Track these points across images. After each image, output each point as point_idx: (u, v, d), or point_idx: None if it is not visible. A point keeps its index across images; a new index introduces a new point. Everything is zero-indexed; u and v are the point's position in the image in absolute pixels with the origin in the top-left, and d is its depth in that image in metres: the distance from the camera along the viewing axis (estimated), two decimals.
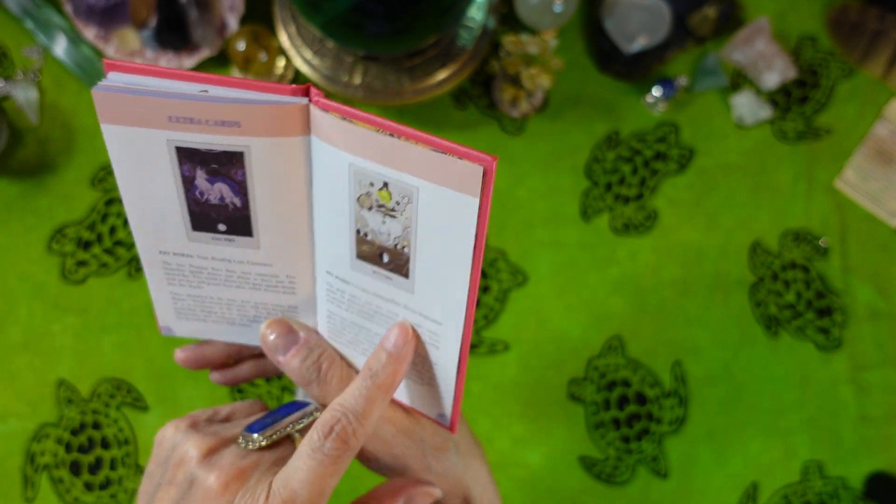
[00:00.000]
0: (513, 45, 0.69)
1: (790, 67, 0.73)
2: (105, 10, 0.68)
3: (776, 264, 0.73)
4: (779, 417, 0.70)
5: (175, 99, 0.31)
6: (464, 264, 0.32)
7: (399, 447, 0.38)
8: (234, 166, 0.33)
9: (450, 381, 0.36)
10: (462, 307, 0.33)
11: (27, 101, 0.69)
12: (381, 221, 0.33)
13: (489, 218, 0.31)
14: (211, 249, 0.37)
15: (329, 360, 0.38)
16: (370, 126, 0.31)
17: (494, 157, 0.29)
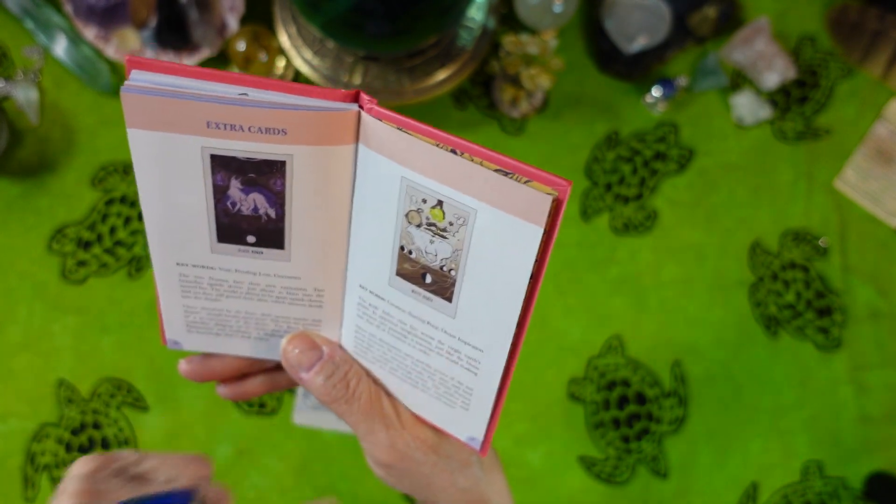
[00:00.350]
0: (513, 45, 0.69)
1: (790, 67, 0.73)
2: (105, 10, 0.68)
3: (776, 264, 0.73)
4: (779, 417, 0.70)
5: (215, 103, 0.29)
6: (517, 294, 0.30)
7: (427, 465, 0.36)
8: (274, 176, 0.31)
9: (486, 406, 0.35)
10: (509, 338, 0.32)
11: (27, 101, 0.69)
12: (429, 241, 0.31)
13: None
14: (235, 262, 0.34)
15: (357, 377, 0.36)
16: (429, 139, 0.29)
17: (569, 182, 0.27)
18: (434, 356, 0.34)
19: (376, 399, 0.36)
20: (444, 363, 0.34)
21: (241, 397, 0.40)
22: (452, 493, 0.38)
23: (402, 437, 0.36)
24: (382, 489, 0.67)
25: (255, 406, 0.68)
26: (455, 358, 0.34)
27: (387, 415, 0.36)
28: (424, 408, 0.37)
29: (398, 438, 0.35)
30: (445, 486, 0.37)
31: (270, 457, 0.67)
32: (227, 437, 0.67)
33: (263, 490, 0.66)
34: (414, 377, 0.36)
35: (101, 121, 0.70)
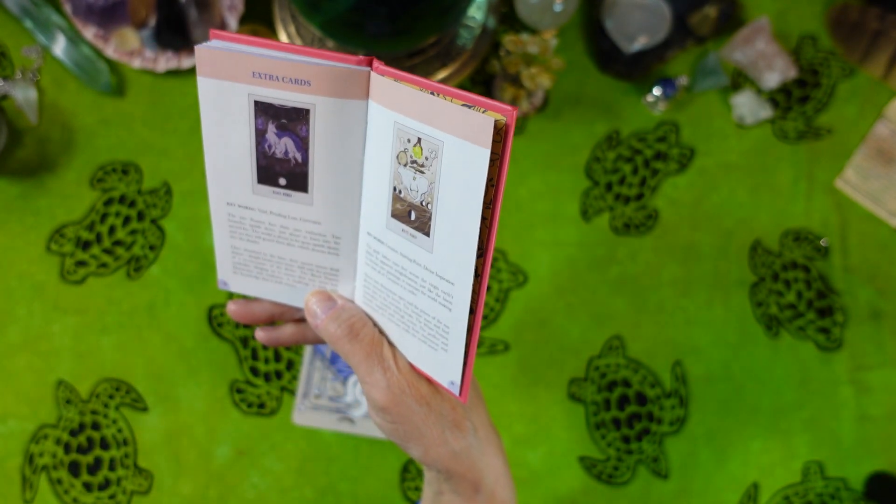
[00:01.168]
0: (513, 44, 0.69)
1: (790, 67, 0.73)
2: (104, 10, 0.68)
3: (777, 264, 0.73)
4: (779, 417, 0.70)
5: (258, 56, 0.36)
6: (474, 219, 0.33)
7: (419, 415, 0.39)
8: (300, 122, 0.37)
9: (460, 345, 0.37)
10: (471, 266, 0.34)
11: (27, 101, 0.69)
12: (412, 177, 0.35)
13: None
14: (270, 203, 0.40)
15: (361, 321, 0.40)
16: (415, 86, 0.34)
17: (514, 108, 0.31)
18: (420, 295, 0.38)
19: (377, 343, 0.40)
20: (428, 302, 0.37)
21: (274, 342, 0.46)
22: (443, 453, 0.40)
23: (398, 380, 0.39)
24: (382, 489, 0.67)
25: (254, 406, 0.68)
26: (434, 294, 0.37)
27: (385, 358, 0.39)
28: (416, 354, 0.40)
29: (393, 381, 0.39)
30: (436, 442, 0.39)
31: (270, 457, 0.67)
32: (227, 438, 0.67)
33: (263, 490, 0.66)
34: (406, 321, 0.39)
35: (101, 121, 0.70)
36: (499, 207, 0.33)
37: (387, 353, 0.39)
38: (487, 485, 0.41)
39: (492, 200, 0.33)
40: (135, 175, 0.70)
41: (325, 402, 0.67)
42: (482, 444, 0.42)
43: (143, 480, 0.66)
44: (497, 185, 0.33)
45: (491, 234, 0.34)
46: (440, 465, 0.40)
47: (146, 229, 0.69)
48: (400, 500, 0.67)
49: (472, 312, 0.36)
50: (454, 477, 0.40)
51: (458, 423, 0.40)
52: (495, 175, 0.33)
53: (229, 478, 0.66)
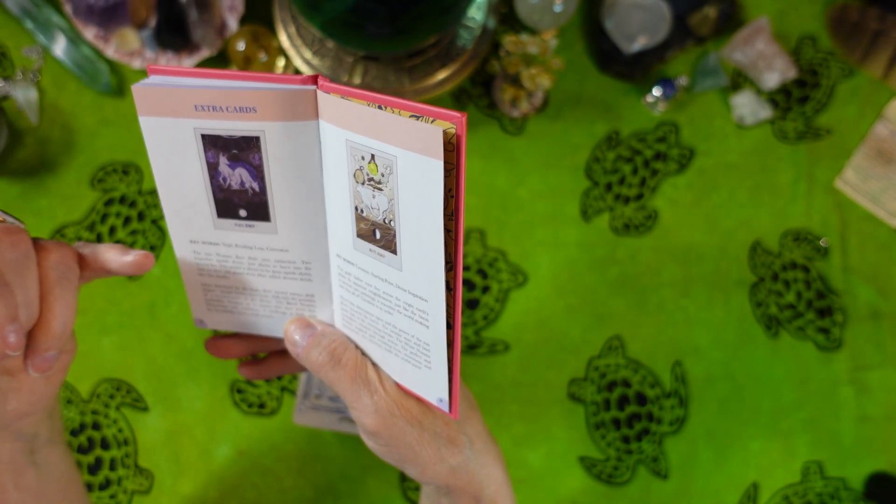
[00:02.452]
0: (513, 45, 0.69)
1: (790, 67, 0.73)
2: (105, 10, 0.68)
3: (776, 264, 0.73)
4: (779, 418, 0.70)
5: (199, 89, 0.34)
6: (436, 233, 0.32)
7: (412, 435, 0.38)
8: (252, 150, 0.36)
9: (442, 361, 0.36)
10: (441, 280, 0.33)
11: (27, 102, 0.69)
12: (371, 195, 0.34)
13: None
14: (234, 236, 0.39)
15: (342, 346, 0.39)
16: (362, 101, 0.32)
17: (463, 114, 0.30)
18: (396, 315, 0.37)
19: (361, 366, 0.38)
20: (405, 321, 0.36)
21: (259, 376, 0.45)
22: (441, 470, 0.39)
23: (386, 402, 0.38)
24: (382, 489, 0.67)
25: (254, 406, 0.68)
26: (410, 313, 0.36)
27: (371, 381, 0.38)
28: (401, 374, 0.39)
29: (382, 404, 0.38)
30: (433, 461, 0.38)
31: (270, 457, 0.67)
32: (227, 438, 0.67)
33: (263, 490, 0.66)
34: (388, 341, 0.38)
35: (101, 121, 0.70)
36: (461, 217, 0.32)
37: (372, 376, 0.38)
38: (488, 496, 0.40)
39: (453, 211, 0.32)
40: (135, 175, 0.70)
41: (326, 402, 0.67)
42: (479, 455, 0.41)
43: (144, 480, 0.66)
44: (457, 195, 0.32)
45: (458, 245, 0.33)
46: (438, 481, 0.39)
47: (146, 230, 0.69)
48: (400, 500, 0.67)
49: (449, 327, 0.35)
50: (454, 491, 0.39)
51: (453, 439, 0.39)
52: (453, 185, 0.32)
53: (229, 478, 0.66)
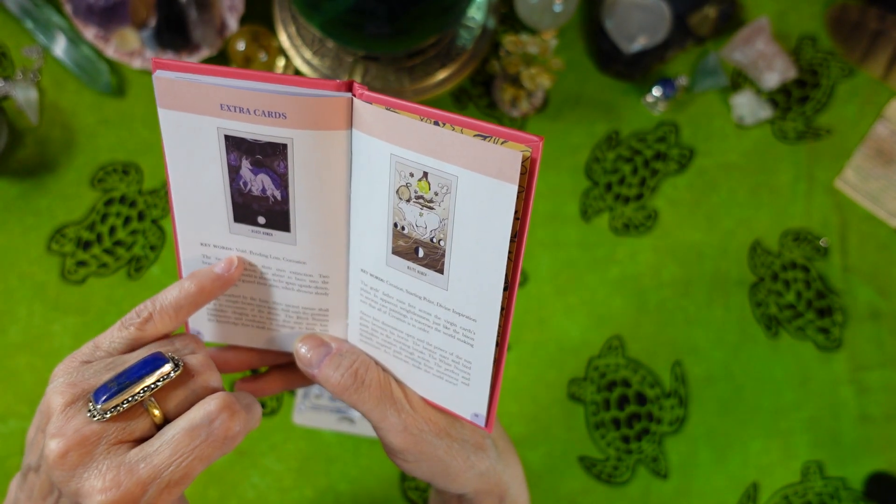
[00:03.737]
0: (513, 44, 0.69)
1: (790, 67, 0.73)
2: (105, 10, 0.68)
3: (776, 264, 0.73)
4: (779, 417, 0.70)
5: (227, 87, 0.32)
6: (501, 255, 0.31)
7: (442, 448, 0.37)
8: (278, 158, 0.34)
9: (485, 379, 0.35)
10: (497, 302, 0.32)
11: (27, 101, 0.69)
12: (418, 214, 0.33)
13: None
14: (249, 243, 0.37)
15: (364, 365, 0.37)
16: (413, 115, 0.31)
17: (540, 138, 0.28)
18: (433, 332, 0.35)
19: (385, 385, 0.36)
20: (443, 339, 0.35)
21: (260, 393, 0.42)
22: (470, 477, 0.38)
23: (414, 419, 0.36)
24: (382, 489, 0.67)
25: None
26: (452, 332, 0.35)
27: (397, 399, 0.36)
28: (430, 389, 0.37)
29: (410, 421, 0.36)
30: (463, 470, 0.37)
31: (270, 457, 0.67)
32: None
33: (263, 490, 0.66)
34: (417, 358, 0.37)
35: (101, 121, 0.70)
36: (524, 240, 0.31)
37: (398, 394, 0.37)
38: (511, 495, 0.40)
39: (517, 234, 0.31)
40: (135, 175, 0.70)
41: (326, 402, 0.67)
42: (504, 455, 0.40)
43: None
44: (523, 218, 0.30)
45: (516, 267, 0.32)
46: (468, 489, 0.38)
47: (147, 229, 0.69)
48: (400, 499, 0.67)
49: (497, 346, 0.34)
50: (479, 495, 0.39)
51: (480, 444, 0.39)
52: (520, 208, 0.30)
53: (229, 478, 0.66)
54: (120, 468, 0.28)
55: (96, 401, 0.30)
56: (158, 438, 0.30)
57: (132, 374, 0.31)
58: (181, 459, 0.29)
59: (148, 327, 0.34)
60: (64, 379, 0.31)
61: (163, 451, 0.29)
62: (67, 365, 0.33)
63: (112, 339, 0.34)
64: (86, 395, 0.31)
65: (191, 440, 0.30)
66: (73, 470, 0.29)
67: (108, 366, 0.32)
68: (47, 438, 0.29)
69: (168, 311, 0.34)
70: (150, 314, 0.34)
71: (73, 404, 0.30)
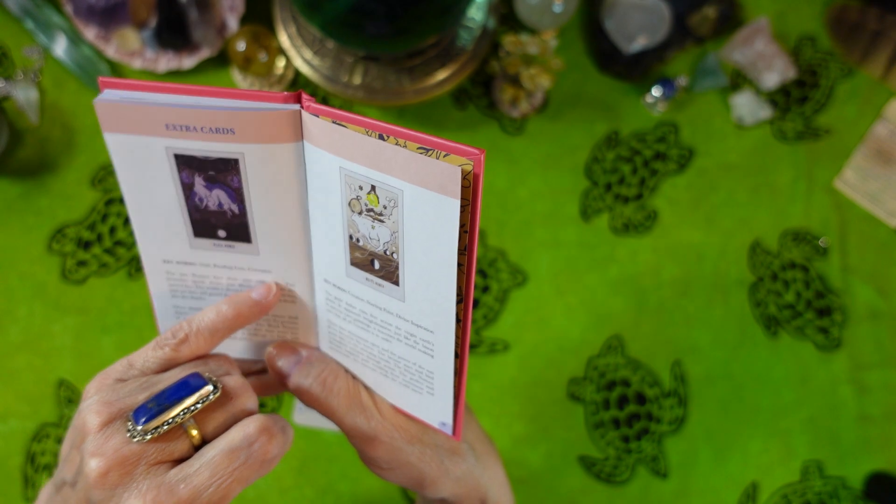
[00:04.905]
0: (513, 45, 0.69)
1: (790, 67, 0.74)
2: (105, 10, 0.68)
3: (776, 264, 0.73)
4: (779, 417, 0.70)
5: (170, 107, 0.32)
6: (450, 268, 0.31)
7: (414, 454, 0.37)
8: (230, 173, 0.34)
9: (448, 389, 0.35)
10: (452, 314, 0.32)
11: (27, 101, 0.69)
12: (370, 226, 0.32)
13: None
14: (212, 256, 0.37)
15: (333, 374, 0.37)
16: (359, 128, 0.30)
17: (482, 151, 0.28)
18: (395, 342, 0.35)
19: (355, 393, 0.37)
20: (405, 349, 0.35)
21: None
22: (446, 483, 0.38)
23: (384, 426, 0.36)
24: (382, 489, 0.67)
25: None
26: (412, 342, 0.35)
27: (366, 407, 0.37)
28: (398, 397, 0.37)
29: (380, 428, 0.36)
30: (438, 475, 0.38)
31: None
32: None
33: (263, 490, 0.66)
34: (384, 367, 0.37)
35: None
36: (475, 251, 0.31)
37: (367, 401, 0.37)
38: (492, 498, 0.40)
39: (466, 246, 0.31)
40: None
41: None
42: (482, 459, 0.41)
43: None
44: (471, 230, 0.30)
45: (469, 279, 0.31)
46: (446, 494, 0.38)
47: None
48: (400, 500, 0.67)
49: (457, 357, 0.34)
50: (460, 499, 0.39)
51: (455, 449, 0.39)
52: (467, 220, 0.30)
53: None
54: (160, 488, 0.29)
55: (136, 421, 0.30)
56: (198, 459, 0.30)
57: (172, 395, 0.31)
58: (221, 481, 0.29)
59: (183, 348, 0.34)
60: (99, 397, 0.31)
61: (202, 472, 0.29)
62: (100, 382, 0.33)
63: (146, 358, 0.34)
64: (123, 415, 0.31)
65: (230, 462, 0.30)
66: (113, 489, 0.29)
67: (143, 385, 0.32)
68: (86, 457, 0.29)
69: (204, 333, 0.34)
70: (186, 335, 0.34)
71: (111, 424, 0.30)
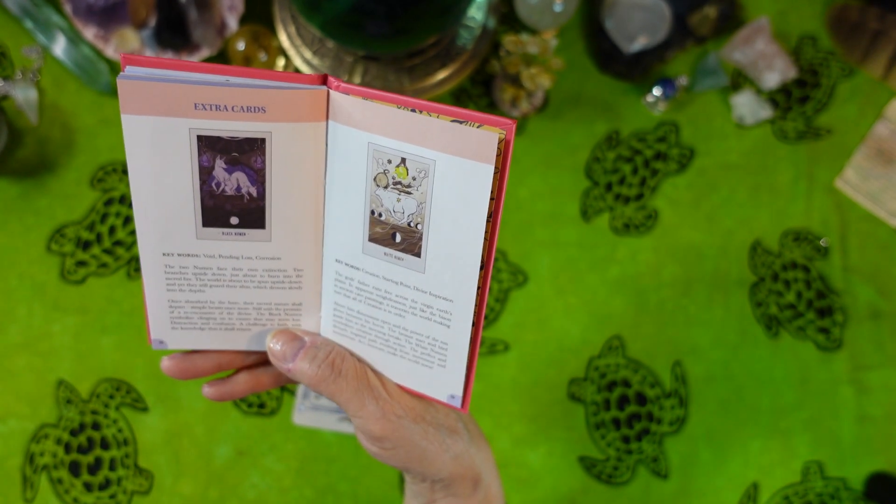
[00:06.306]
0: (513, 44, 0.69)
1: (790, 67, 0.73)
2: (104, 10, 0.68)
3: (777, 264, 0.73)
4: (779, 417, 0.70)
5: (203, 85, 0.32)
6: (477, 235, 0.33)
7: (419, 433, 0.38)
8: (255, 153, 0.34)
9: (461, 359, 0.36)
10: (474, 281, 0.34)
11: (27, 101, 0.69)
12: (395, 199, 0.34)
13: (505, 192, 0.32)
14: (219, 247, 0.37)
15: (340, 356, 0.37)
16: (391, 104, 0.32)
17: (513, 121, 0.30)
18: (409, 317, 0.36)
19: (362, 374, 0.37)
20: (420, 322, 0.36)
21: (226, 397, 0.41)
22: (445, 461, 0.39)
23: (392, 406, 0.37)
24: (382, 489, 0.67)
25: (254, 406, 0.68)
26: (429, 314, 0.36)
27: (374, 387, 0.37)
28: (406, 375, 0.38)
29: (388, 408, 0.37)
30: (438, 454, 0.38)
31: (270, 457, 0.67)
32: (227, 438, 0.67)
33: (263, 490, 0.66)
34: (392, 344, 0.38)
35: (101, 121, 0.70)
36: (499, 221, 0.32)
37: (374, 382, 0.37)
38: (485, 479, 0.41)
39: (492, 214, 0.33)
40: None
41: (325, 403, 0.67)
42: (475, 439, 0.42)
43: (144, 480, 0.66)
44: (497, 198, 0.32)
45: (491, 247, 0.33)
46: (443, 473, 0.39)
47: None
48: (400, 499, 0.67)
49: (473, 325, 0.35)
50: (455, 480, 0.40)
51: (453, 428, 0.40)
52: (495, 188, 0.32)
53: (229, 478, 0.66)
54: None
55: None
56: None
57: None
58: None
59: None
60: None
61: None
62: None
63: None
64: None
65: None
66: None
67: None
68: None
69: None
70: None
71: None
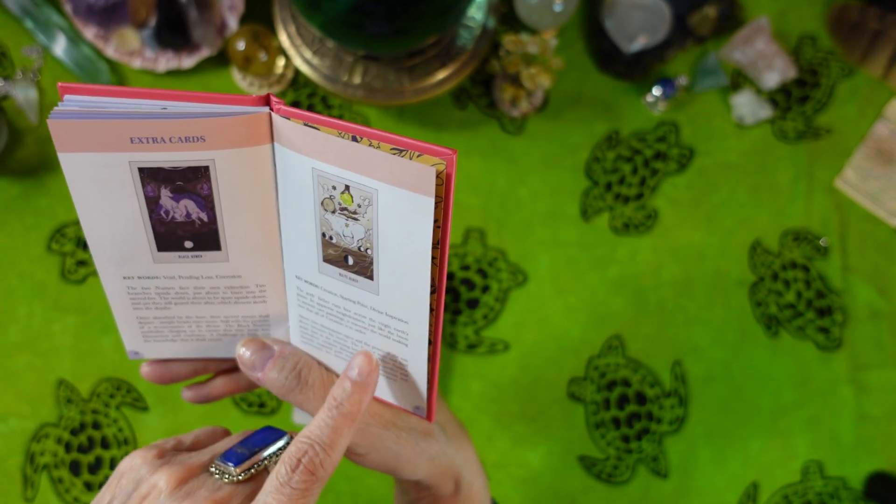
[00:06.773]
0: (513, 44, 0.69)
1: (790, 67, 0.73)
2: (105, 10, 0.68)
3: (776, 264, 0.73)
4: (779, 417, 0.70)
5: (136, 119, 0.31)
6: (424, 263, 0.32)
7: (390, 438, 0.38)
8: (200, 181, 0.33)
9: (422, 375, 0.37)
10: (426, 305, 0.34)
11: (27, 101, 0.69)
12: (344, 224, 0.33)
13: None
14: (177, 268, 0.36)
15: (307, 367, 0.38)
16: (332, 130, 0.31)
17: (454, 151, 0.30)
18: (369, 334, 0.37)
19: (329, 384, 0.38)
20: (379, 339, 0.36)
21: (204, 400, 0.42)
22: (421, 463, 0.39)
23: None
24: (382, 489, 0.67)
25: (254, 406, 0.68)
26: (387, 333, 0.36)
27: None
28: None
29: None
30: (413, 457, 0.39)
31: None
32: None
33: None
34: None
35: None
36: (447, 245, 0.32)
37: None
38: (466, 477, 0.42)
39: (439, 240, 0.32)
40: None
41: None
42: (453, 439, 0.42)
43: None
44: (444, 225, 0.32)
45: (442, 270, 0.33)
46: (422, 475, 0.40)
47: None
48: None
49: (430, 343, 0.35)
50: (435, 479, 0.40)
51: (428, 431, 0.40)
52: (440, 216, 0.31)
53: None
54: None
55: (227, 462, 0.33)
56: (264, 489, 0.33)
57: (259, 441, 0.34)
58: None
59: None
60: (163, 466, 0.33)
61: None
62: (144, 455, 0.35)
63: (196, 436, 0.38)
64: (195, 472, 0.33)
65: None
66: None
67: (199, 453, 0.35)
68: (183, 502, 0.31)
69: None
70: None
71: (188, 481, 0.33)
